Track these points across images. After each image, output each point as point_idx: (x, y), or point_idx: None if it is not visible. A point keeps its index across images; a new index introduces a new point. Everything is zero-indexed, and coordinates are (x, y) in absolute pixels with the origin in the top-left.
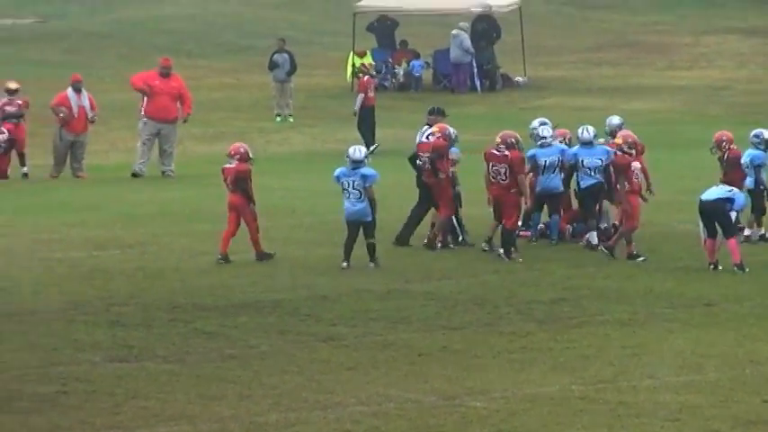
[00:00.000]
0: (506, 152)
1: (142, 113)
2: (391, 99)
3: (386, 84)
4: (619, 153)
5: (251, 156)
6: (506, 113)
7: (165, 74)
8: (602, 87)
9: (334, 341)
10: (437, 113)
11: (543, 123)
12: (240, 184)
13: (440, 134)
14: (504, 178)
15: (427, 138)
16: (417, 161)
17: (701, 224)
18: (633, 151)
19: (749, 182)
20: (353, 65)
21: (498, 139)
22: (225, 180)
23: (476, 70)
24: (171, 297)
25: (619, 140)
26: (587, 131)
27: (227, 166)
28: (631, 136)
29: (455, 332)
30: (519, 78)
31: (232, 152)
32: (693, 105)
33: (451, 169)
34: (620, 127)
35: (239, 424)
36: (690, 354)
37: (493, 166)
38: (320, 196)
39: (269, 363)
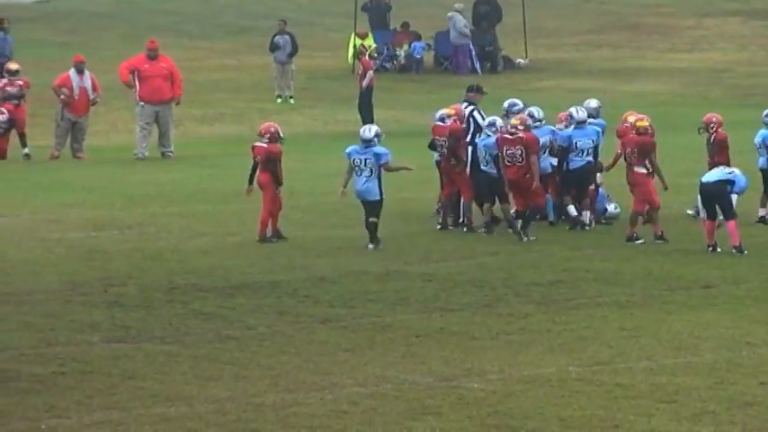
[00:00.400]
0: (521, 134)
1: (138, 98)
2: (392, 81)
3: (387, 66)
4: (640, 135)
5: (281, 136)
6: (507, 95)
7: (153, 56)
8: (603, 69)
9: (331, 322)
10: (476, 91)
11: (514, 104)
12: (270, 165)
13: (456, 117)
14: (520, 160)
15: (443, 120)
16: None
17: (700, 205)
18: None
19: (762, 162)
20: (355, 46)
21: (516, 121)
22: (254, 158)
23: (473, 52)
24: (169, 278)
25: (645, 123)
26: (581, 111)
27: (258, 144)
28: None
29: (453, 314)
30: (520, 60)
31: (263, 131)
32: (694, 88)
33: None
34: (597, 110)
35: (236, 405)
36: (687, 336)
37: (507, 149)
38: (319, 178)
39: (266, 344)
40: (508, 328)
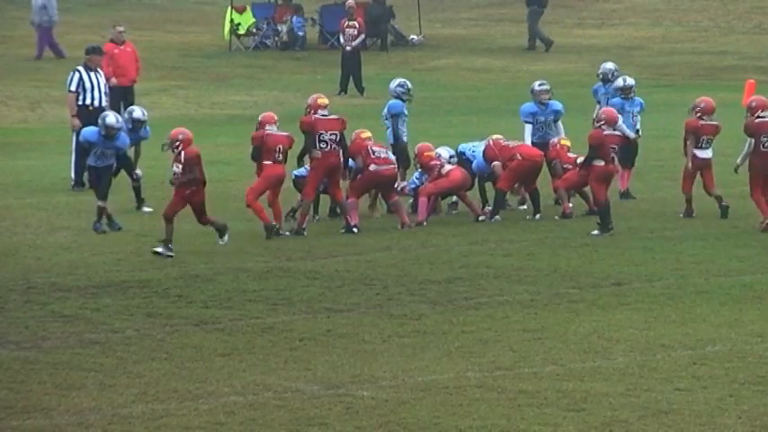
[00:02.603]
0: None
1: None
2: (273, 59)
3: (268, 43)
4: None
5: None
6: (400, 75)
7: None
8: (504, 47)
9: (207, 325)
10: None
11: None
12: (192, 168)
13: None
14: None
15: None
16: None
17: None
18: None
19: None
20: (232, 21)
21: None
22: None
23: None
24: (26, 276)
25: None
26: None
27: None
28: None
29: (340, 315)
30: (414, 37)
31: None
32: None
33: None
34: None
35: (100, 416)
36: (596, 338)
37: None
38: None
39: (134, 349)
40: (401, 330)
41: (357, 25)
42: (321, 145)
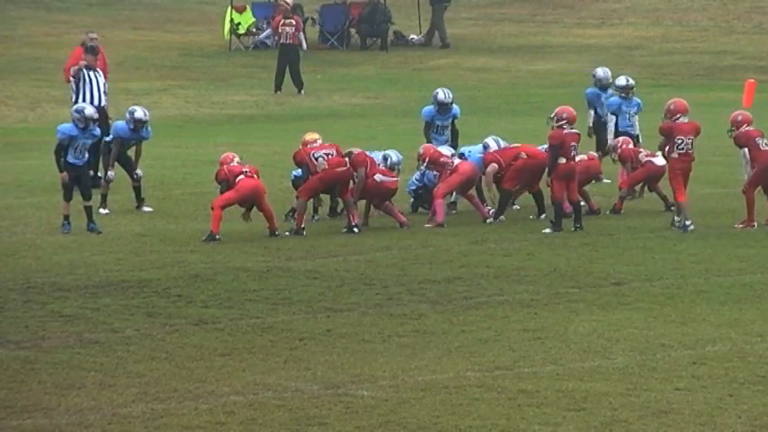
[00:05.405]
0: None
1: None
2: (273, 59)
3: (268, 42)
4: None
5: None
6: (400, 74)
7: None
8: (504, 46)
9: (206, 324)
10: None
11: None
12: None
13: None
14: None
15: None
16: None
17: None
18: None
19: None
20: (231, 21)
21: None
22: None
23: None
24: (25, 276)
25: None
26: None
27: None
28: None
29: (340, 314)
30: (413, 36)
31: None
32: (603, 66)
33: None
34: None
35: (100, 416)
36: (596, 337)
37: None
38: (193, 166)
39: (134, 348)
40: (401, 329)
41: (294, 23)
42: (319, 160)
